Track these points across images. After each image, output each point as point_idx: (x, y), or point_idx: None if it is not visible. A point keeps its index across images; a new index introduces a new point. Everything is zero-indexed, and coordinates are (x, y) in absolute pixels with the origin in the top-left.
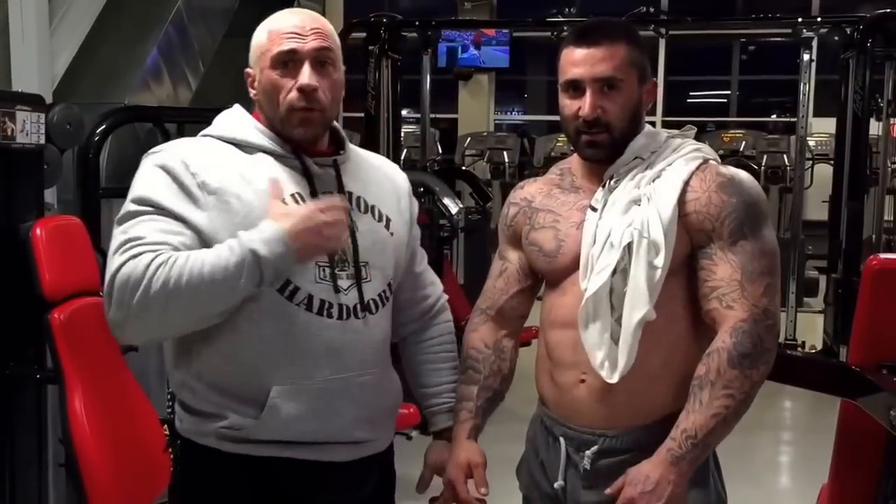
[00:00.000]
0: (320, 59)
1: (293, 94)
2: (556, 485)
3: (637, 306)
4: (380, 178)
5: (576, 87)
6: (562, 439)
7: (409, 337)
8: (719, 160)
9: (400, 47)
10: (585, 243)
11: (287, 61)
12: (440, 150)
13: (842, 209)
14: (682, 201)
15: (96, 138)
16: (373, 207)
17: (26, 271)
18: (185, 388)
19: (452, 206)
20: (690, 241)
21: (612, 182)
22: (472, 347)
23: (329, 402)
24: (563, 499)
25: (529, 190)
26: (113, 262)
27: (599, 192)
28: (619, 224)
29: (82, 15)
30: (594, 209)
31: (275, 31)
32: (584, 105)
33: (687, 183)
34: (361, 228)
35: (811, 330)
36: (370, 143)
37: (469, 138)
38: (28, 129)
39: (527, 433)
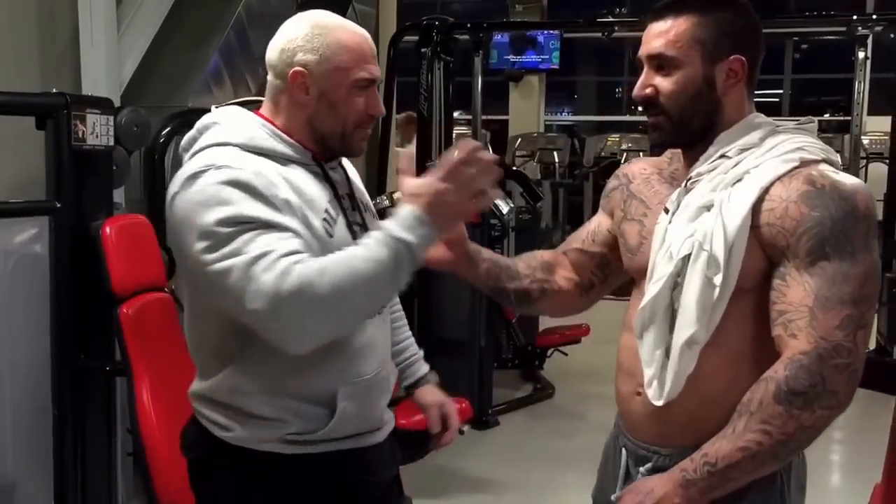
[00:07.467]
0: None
1: (364, 116)
2: (613, 497)
3: (686, 325)
4: (356, 176)
5: (640, 66)
6: (623, 450)
7: None
8: (833, 161)
9: (452, 49)
10: (653, 249)
11: (366, 86)
12: (491, 151)
13: None
14: (756, 211)
15: (162, 140)
16: (367, 204)
17: (96, 268)
18: (238, 393)
19: (503, 206)
20: (766, 256)
21: (689, 182)
22: (527, 256)
23: (369, 395)
24: None
25: (633, 168)
26: (259, 281)
27: (675, 193)
28: (682, 233)
29: (147, 21)
30: (667, 211)
31: (355, 52)
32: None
33: (766, 190)
34: (368, 224)
35: None
36: (423, 145)
37: (520, 139)
38: (98, 131)
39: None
